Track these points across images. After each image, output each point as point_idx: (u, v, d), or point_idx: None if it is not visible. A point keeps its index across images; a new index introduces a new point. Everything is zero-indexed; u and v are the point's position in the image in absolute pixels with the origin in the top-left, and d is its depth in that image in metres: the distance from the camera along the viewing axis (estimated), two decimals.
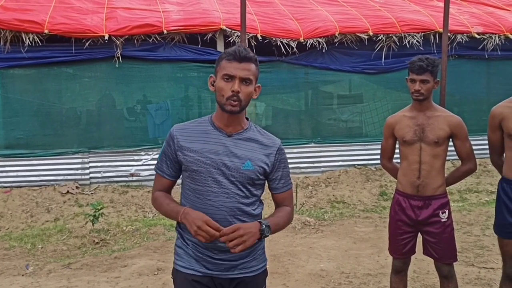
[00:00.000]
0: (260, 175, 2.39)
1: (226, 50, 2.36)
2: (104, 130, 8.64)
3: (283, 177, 2.49)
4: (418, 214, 3.55)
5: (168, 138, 2.44)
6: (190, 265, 2.39)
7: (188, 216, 2.23)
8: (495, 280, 4.85)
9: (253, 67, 2.33)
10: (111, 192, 8.17)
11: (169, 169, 2.45)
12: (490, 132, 3.59)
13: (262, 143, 2.42)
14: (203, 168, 2.33)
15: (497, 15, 9.87)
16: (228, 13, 8.90)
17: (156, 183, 2.52)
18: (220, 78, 2.31)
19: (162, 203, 2.43)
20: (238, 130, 2.40)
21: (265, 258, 2.54)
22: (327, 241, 6.15)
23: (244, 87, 2.29)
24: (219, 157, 2.33)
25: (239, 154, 2.35)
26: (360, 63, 9.06)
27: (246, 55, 2.30)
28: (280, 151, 2.46)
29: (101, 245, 6.30)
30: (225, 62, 2.31)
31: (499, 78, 9.79)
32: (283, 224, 2.45)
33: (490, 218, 6.99)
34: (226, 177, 2.33)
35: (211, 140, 2.37)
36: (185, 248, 2.42)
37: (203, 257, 2.37)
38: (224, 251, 2.33)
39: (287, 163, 2.52)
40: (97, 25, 8.19)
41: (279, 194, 2.51)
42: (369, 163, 9.15)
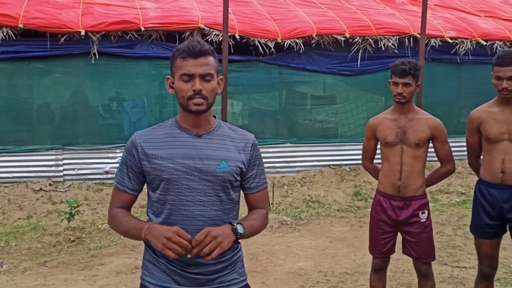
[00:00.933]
0: (237, 175, 2.20)
1: (178, 47, 2.13)
2: (79, 127, 8.54)
3: (258, 175, 2.29)
4: (398, 214, 3.63)
5: (130, 147, 2.17)
6: (161, 281, 2.17)
7: (154, 231, 1.97)
8: (467, 279, 4.99)
9: (212, 60, 2.10)
10: (85, 190, 8.09)
11: (132, 182, 2.18)
12: (469, 135, 3.70)
13: (235, 140, 2.23)
14: (175, 176, 2.10)
15: (469, 21, 10.11)
16: (206, 12, 8.90)
17: (114, 199, 2.22)
18: (178, 79, 2.09)
19: (122, 221, 2.14)
20: (207, 129, 2.19)
21: (245, 272, 2.33)
22: (304, 240, 6.22)
23: (206, 83, 2.08)
24: (192, 162, 2.11)
25: (213, 155, 2.14)
26: (336, 64, 9.17)
27: (201, 49, 2.08)
28: (254, 146, 2.26)
29: (76, 243, 6.24)
30: (180, 61, 2.08)
31: (469, 82, 10.04)
32: (258, 227, 2.24)
33: (461, 218, 7.18)
34: (201, 183, 2.12)
35: (180, 143, 2.14)
36: (155, 262, 2.19)
37: (176, 270, 2.15)
38: (199, 265, 2.14)
39: (262, 160, 2.32)
40: (73, 20, 8.09)
41: (253, 194, 2.30)
42: (343, 163, 9.27)
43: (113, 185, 2.24)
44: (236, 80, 8.56)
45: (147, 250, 2.24)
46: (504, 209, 3.51)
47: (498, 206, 3.53)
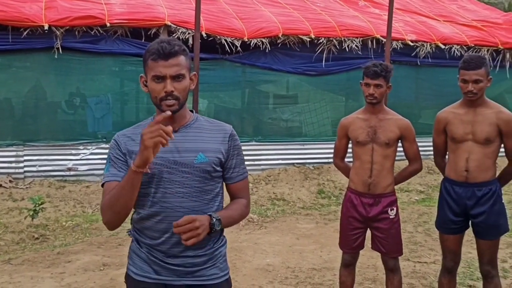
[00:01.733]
0: (216, 166, 2.24)
1: (149, 48, 2.14)
2: (41, 123, 8.38)
3: (237, 165, 2.33)
4: (368, 211, 3.76)
5: (113, 145, 2.25)
6: (142, 271, 2.24)
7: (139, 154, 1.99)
8: (428, 273, 5.18)
9: (183, 60, 2.13)
10: (47, 187, 7.94)
11: (120, 170, 2.19)
12: (435, 135, 3.86)
13: (212, 131, 2.28)
14: (155, 170, 2.15)
15: (429, 25, 10.43)
16: (172, 9, 8.88)
17: (105, 193, 2.18)
18: (150, 79, 2.13)
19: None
20: (183, 123, 2.25)
21: (227, 267, 2.36)
22: (271, 237, 6.31)
23: (177, 84, 2.11)
24: (170, 155, 2.16)
25: (190, 147, 2.20)
26: (301, 64, 9.31)
27: (171, 51, 2.09)
28: (232, 137, 2.31)
29: (41, 240, 6.14)
30: (151, 62, 2.11)
31: (428, 84, 10.37)
32: (237, 217, 2.31)
33: (421, 215, 7.43)
34: (180, 175, 2.17)
35: None
36: (138, 252, 2.26)
37: (156, 261, 2.21)
38: (179, 257, 2.20)
39: (241, 150, 2.36)
40: (36, 14, 7.93)
41: (233, 184, 2.35)
42: (307, 162, 9.42)
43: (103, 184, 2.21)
44: (202, 78, 8.53)
45: (133, 241, 2.30)
46: (468, 206, 3.68)
47: (462, 203, 3.70)
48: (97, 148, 8.43)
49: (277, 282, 4.90)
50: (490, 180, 3.68)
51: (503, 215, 3.70)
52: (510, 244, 5.99)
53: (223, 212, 2.24)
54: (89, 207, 7.56)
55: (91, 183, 8.15)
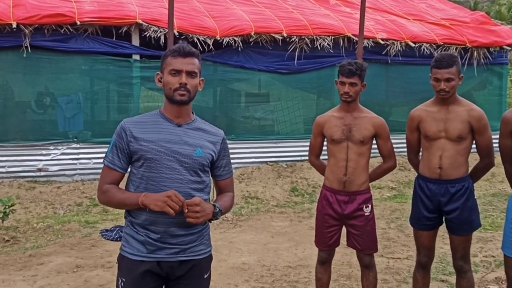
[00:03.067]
0: (209, 162, 2.58)
1: (171, 48, 2.53)
2: (9, 123, 8.21)
3: (227, 165, 2.71)
4: (344, 208, 3.79)
5: (119, 131, 2.53)
6: (138, 251, 2.49)
7: (151, 196, 2.37)
8: (402, 269, 5.26)
9: (197, 62, 2.52)
10: (16, 188, 7.79)
11: (121, 161, 2.53)
12: (409, 133, 3.92)
13: (209, 133, 2.61)
14: (158, 156, 2.46)
15: (399, 23, 10.58)
16: (143, 7, 8.80)
17: (105, 177, 2.55)
18: (167, 73, 2.48)
19: (115, 194, 2.49)
20: (187, 120, 2.56)
21: (210, 243, 2.69)
22: (246, 235, 6.32)
23: (190, 79, 2.47)
24: (172, 145, 2.48)
25: (190, 142, 2.52)
26: (274, 63, 9.33)
27: (190, 51, 2.50)
28: (224, 140, 2.67)
29: (11, 243, 6.01)
30: (170, 58, 2.48)
31: (398, 82, 10.51)
32: (229, 208, 2.70)
33: (393, 212, 7.53)
34: (180, 163, 2.48)
35: (163, 130, 2.52)
36: (134, 235, 2.50)
37: (152, 242, 2.47)
38: (176, 235, 2.48)
39: (229, 152, 2.73)
40: (4, 12, 7.78)
41: (223, 180, 2.72)
42: (280, 160, 9.45)
43: (104, 165, 2.56)
44: None
45: (127, 225, 2.56)
46: (441, 203, 3.74)
47: (435, 200, 3.76)
48: (68, 148, 8.30)
49: (253, 281, 4.91)
50: (463, 176, 3.74)
51: (475, 211, 3.78)
52: (480, 238, 6.13)
53: (222, 203, 2.59)
54: (60, 208, 7.44)
55: (62, 184, 8.03)
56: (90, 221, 6.80)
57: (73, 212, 7.35)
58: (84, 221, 6.80)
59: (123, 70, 8.63)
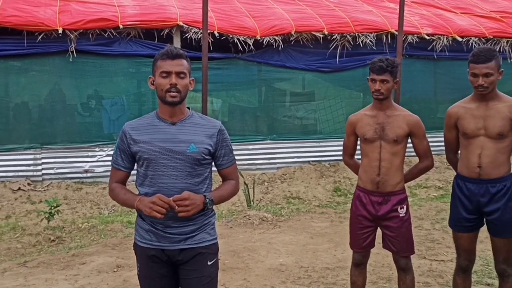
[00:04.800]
0: (205, 155, 2.69)
1: (160, 52, 2.65)
2: (57, 126, 8.47)
3: (226, 154, 2.81)
4: (377, 209, 3.69)
5: (121, 134, 2.75)
6: (145, 239, 2.72)
7: (143, 201, 2.57)
8: (445, 272, 5.08)
9: (185, 63, 2.64)
10: (64, 189, 8.02)
11: (124, 161, 2.76)
12: (446, 131, 3.77)
13: (203, 126, 2.74)
14: (153, 156, 2.64)
15: (445, 17, 10.26)
16: (184, 9, 8.89)
17: (112, 176, 2.82)
18: (158, 76, 2.61)
19: (119, 193, 2.75)
20: (181, 118, 2.71)
21: (215, 233, 2.81)
22: (285, 236, 6.26)
23: (180, 80, 2.60)
24: (166, 144, 2.64)
25: (184, 139, 2.66)
26: (315, 61, 9.24)
27: (178, 53, 2.62)
28: (221, 131, 2.77)
29: (57, 242, 6.19)
30: (160, 61, 2.62)
31: (446, 78, 10.19)
32: (227, 196, 2.81)
33: (439, 212, 7.30)
34: (174, 161, 2.64)
35: (158, 130, 2.68)
36: (142, 225, 2.74)
37: (156, 231, 2.68)
38: (174, 227, 2.66)
39: (229, 142, 2.83)
40: (51, 18, 8.02)
41: (224, 169, 2.84)
42: (323, 159, 9.34)
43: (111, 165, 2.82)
44: (215, 77, 8.56)
45: (138, 217, 2.79)
46: (481, 203, 3.58)
47: (475, 200, 3.60)
48: (113, 149, 8.45)
49: (290, 282, 4.85)
50: (504, 176, 3.56)
51: None
52: None
53: (215, 192, 2.74)
54: (105, 208, 7.62)
55: (107, 185, 8.18)
56: (132, 222, 6.90)
57: (117, 212, 7.50)
58: (126, 221, 6.92)
59: None
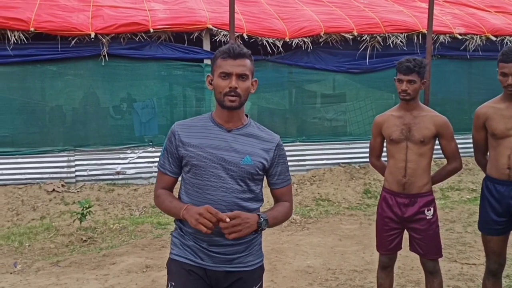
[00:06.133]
0: (259, 170, 2.42)
1: (220, 49, 2.40)
2: (90, 128, 8.63)
3: (282, 173, 2.53)
4: (404, 211, 3.65)
5: (170, 134, 2.49)
6: (185, 254, 2.44)
7: (190, 210, 2.28)
8: (477, 276, 4.98)
9: (248, 63, 2.38)
10: (97, 191, 8.18)
11: (171, 165, 2.49)
12: (475, 131, 3.70)
13: (261, 139, 2.47)
14: (203, 163, 2.37)
15: (478, 16, 10.06)
16: (214, 12, 8.95)
17: (158, 181, 2.55)
18: (217, 76, 2.36)
19: (164, 200, 2.47)
20: (238, 125, 2.45)
21: (261, 254, 2.57)
22: (313, 238, 6.24)
23: (241, 82, 2.34)
24: (219, 152, 2.38)
25: (239, 149, 2.40)
26: (344, 62, 9.18)
27: (240, 52, 2.35)
28: (279, 146, 2.50)
29: (88, 243, 6.31)
30: (220, 60, 2.36)
31: (480, 78, 9.98)
32: (281, 218, 2.51)
33: (472, 215, 7.15)
34: (226, 171, 2.37)
35: (212, 135, 2.42)
36: (181, 239, 2.47)
37: (200, 248, 2.41)
38: (221, 245, 2.39)
39: (286, 159, 2.56)
40: (83, 23, 8.18)
41: (278, 189, 2.56)
42: (353, 161, 9.27)
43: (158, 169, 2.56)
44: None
45: (176, 229, 2.53)
46: (511, 206, 3.50)
47: (505, 203, 3.53)
48: (144, 151, 8.60)
49: (317, 284, 4.84)
50: None
51: None
52: None
53: (270, 213, 2.43)
54: (136, 209, 7.73)
55: (138, 186, 8.33)
56: (162, 223, 6.99)
57: (147, 213, 7.60)
58: (156, 222, 7.01)
59: (195, 74, 8.83)
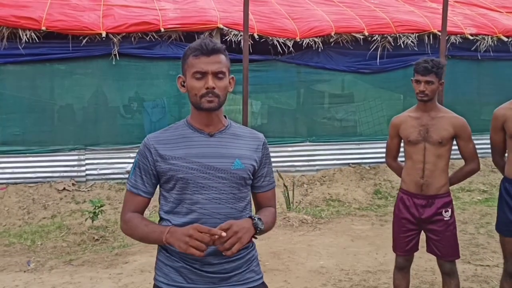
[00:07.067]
0: (250, 173, 2.20)
1: (191, 45, 2.14)
2: (100, 127, 8.65)
3: (268, 174, 2.31)
4: (421, 212, 3.64)
5: (143, 149, 2.17)
6: (173, 281, 2.15)
7: (175, 233, 1.99)
8: (491, 277, 4.97)
9: (223, 58, 2.11)
10: (107, 189, 8.19)
11: (145, 184, 2.18)
12: (493, 133, 3.68)
13: (247, 138, 2.24)
14: (190, 175, 2.10)
15: (489, 17, 10.01)
16: (224, 12, 8.95)
17: (127, 203, 2.22)
18: (190, 77, 2.09)
19: (138, 225, 2.13)
20: (219, 128, 2.20)
21: (260, 270, 2.30)
22: (325, 238, 6.24)
23: (218, 81, 2.08)
24: (206, 160, 2.12)
25: (226, 153, 2.15)
26: (355, 62, 9.16)
27: (214, 47, 2.08)
28: (265, 145, 2.28)
29: (100, 241, 6.33)
30: (192, 58, 2.08)
31: (490, 79, 9.94)
32: (271, 224, 2.25)
33: (483, 216, 7.13)
34: (217, 180, 2.12)
35: (194, 143, 2.15)
36: (168, 262, 2.17)
37: (192, 269, 2.13)
38: (215, 264, 2.13)
39: (271, 159, 2.34)
40: (94, 22, 8.19)
41: (263, 193, 2.31)
42: (363, 161, 9.26)
43: (126, 190, 2.23)
44: (254, 79, 8.58)
45: (160, 251, 2.23)
46: None
47: None
48: None
49: (331, 285, 4.83)
50: None
51: None
52: None
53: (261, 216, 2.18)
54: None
55: None
56: None
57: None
58: None
59: None
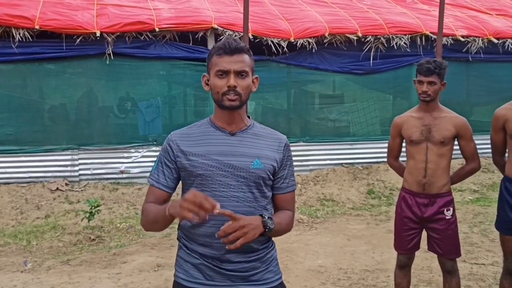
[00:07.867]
0: (270, 174, 2.21)
1: (215, 45, 2.18)
2: (94, 127, 8.61)
3: (288, 176, 2.30)
4: (423, 211, 3.69)
5: (165, 145, 2.24)
6: (193, 277, 2.19)
7: (174, 202, 2.00)
8: (487, 275, 5.04)
9: (247, 58, 2.13)
10: (101, 189, 8.16)
11: (167, 179, 2.22)
12: (493, 133, 3.74)
13: (268, 139, 2.25)
14: (209, 172, 2.13)
15: (480, 19, 10.14)
16: (218, 12, 8.96)
17: (147, 196, 2.25)
18: (213, 75, 2.13)
19: (150, 210, 2.17)
20: (241, 127, 2.23)
21: (279, 271, 2.32)
22: (322, 238, 6.28)
23: (240, 80, 2.11)
24: (226, 158, 2.14)
25: (246, 152, 2.17)
26: (348, 63, 9.23)
27: (237, 47, 2.11)
28: (287, 147, 2.29)
29: (97, 241, 6.31)
30: (216, 57, 2.13)
31: (481, 81, 10.07)
32: (284, 227, 2.24)
33: (476, 216, 7.22)
34: (235, 178, 2.14)
35: (215, 141, 2.19)
36: (188, 259, 2.21)
37: (210, 266, 2.16)
38: (234, 262, 2.15)
39: (292, 161, 2.34)
40: (88, 21, 8.16)
41: (282, 195, 2.30)
42: (356, 161, 9.32)
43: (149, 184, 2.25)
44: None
45: (181, 247, 2.26)
46: None
47: None
48: (148, 151, 8.59)
49: (330, 284, 4.87)
50: None
51: None
52: None
53: (275, 218, 2.17)
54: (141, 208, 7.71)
55: (143, 185, 8.32)
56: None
57: None
58: None
59: (200, 74, 8.74)
